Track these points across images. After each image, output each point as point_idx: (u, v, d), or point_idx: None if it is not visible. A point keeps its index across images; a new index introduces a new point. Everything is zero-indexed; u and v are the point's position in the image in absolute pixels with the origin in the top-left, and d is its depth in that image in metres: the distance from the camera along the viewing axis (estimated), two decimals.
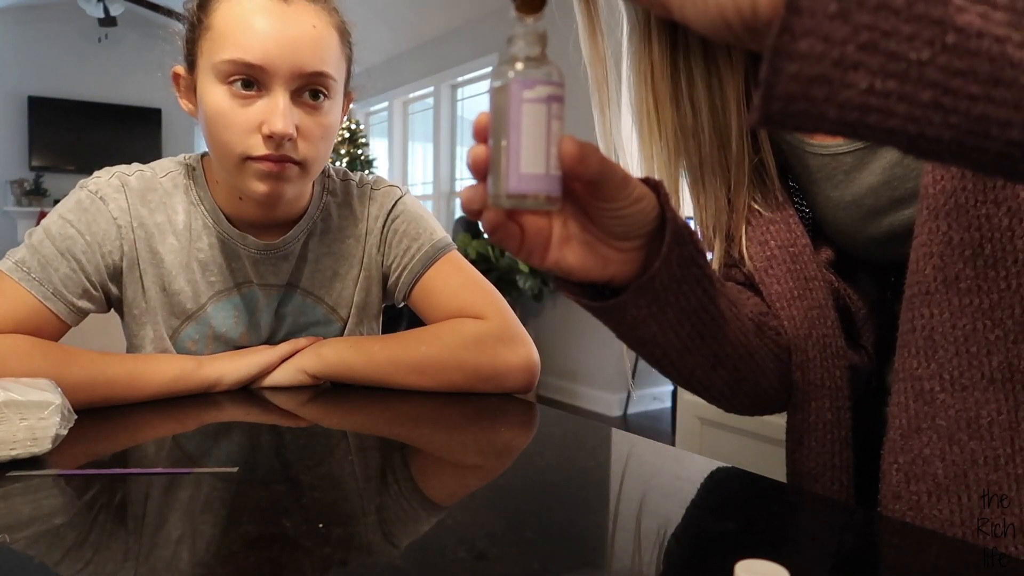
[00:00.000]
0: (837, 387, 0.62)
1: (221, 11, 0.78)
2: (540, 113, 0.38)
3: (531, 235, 0.47)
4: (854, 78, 0.30)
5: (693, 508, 0.55)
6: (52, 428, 0.59)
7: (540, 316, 4.37)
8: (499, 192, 0.40)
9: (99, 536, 0.47)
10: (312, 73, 0.79)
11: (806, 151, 0.63)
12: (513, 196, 0.39)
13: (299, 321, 0.95)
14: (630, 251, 0.50)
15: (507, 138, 0.38)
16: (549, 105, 0.39)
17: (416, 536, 0.48)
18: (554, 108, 0.39)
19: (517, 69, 0.39)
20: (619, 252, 0.50)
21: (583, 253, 0.49)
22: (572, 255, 0.49)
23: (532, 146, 0.38)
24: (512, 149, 0.38)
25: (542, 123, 0.38)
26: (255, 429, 0.74)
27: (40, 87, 6.64)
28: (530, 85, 0.38)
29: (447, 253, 0.95)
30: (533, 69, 0.39)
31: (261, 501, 0.52)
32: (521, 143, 0.38)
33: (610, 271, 0.50)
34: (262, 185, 0.80)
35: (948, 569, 0.45)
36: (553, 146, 0.39)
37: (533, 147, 0.38)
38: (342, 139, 5.45)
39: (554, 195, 0.40)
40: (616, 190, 0.45)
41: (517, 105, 0.38)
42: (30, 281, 0.79)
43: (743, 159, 0.63)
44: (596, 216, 0.47)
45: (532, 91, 0.38)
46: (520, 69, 0.39)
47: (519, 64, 0.39)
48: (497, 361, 0.86)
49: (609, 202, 0.46)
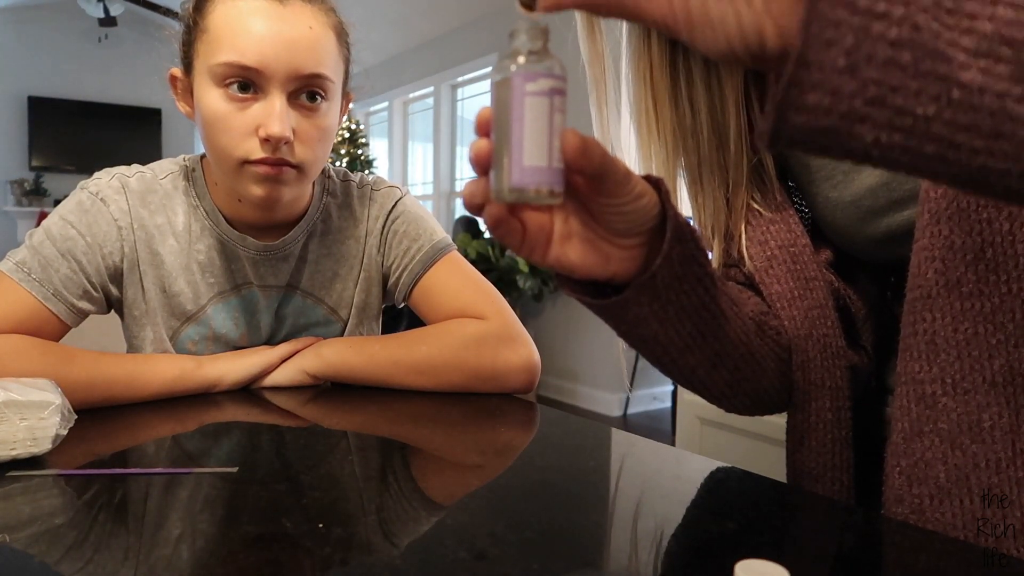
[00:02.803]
0: (838, 387, 0.62)
1: (217, 13, 0.78)
2: (542, 106, 0.38)
3: (533, 232, 0.47)
4: (860, 131, 0.30)
5: (693, 508, 0.55)
6: (52, 428, 0.59)
7: (540, 316, 4.37)
8: (501, 186, 0.40)
9: (99, 536, 0.47)
10: (309, 75, 0.78)
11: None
12: (515, 190, 0.39)
13: (299, 322, 0.95)
14: (631, 248, 0.50)
15: (509, 131, 0.38)
16: (551, 98, 0.38)
17: (416, 536, 0.48)
18: (556, 101, 0.39)
19: (519, 63, 0.39)
20: (620, 249, 0.50)
21: (585, 250, 0.49)
22: (574, 252, 0.49)
23: (534, 139, 0.38)
24: (514, 142, 0.38)
25: (544, 116, 0.38)
26: (255, 429, 0.74)
27: (40, 87, 6.63)
28: (532, 78, 0.38)
29: (447, 253, 0.95)
30: (535, 63, 0.39)
31: (261, 501, 0.52)
32: (524, 136, 0.38)
33: (611, 269, 0.50)
34: (259, 189, 0.80)
35: (948, 569, 0.45)
36: (556, 139, 0.39)
37: (535, 140, 0.38)
38: (342, 139, 5.45)
39: (557, 189, 0.40)
40: (618, 185, 0.45)
41: (519, 98, 0.38)
42: (30, 282, 0.79)
43: (741, 159, 0.63)
44: (598, 212, 0.47)
45: (535, 84, 0.38)
46: (522, 63, 0.39)
47: (521, 58, 0.39)
48: (497, 361, 0.86)
49: (611, 198, 0.46)
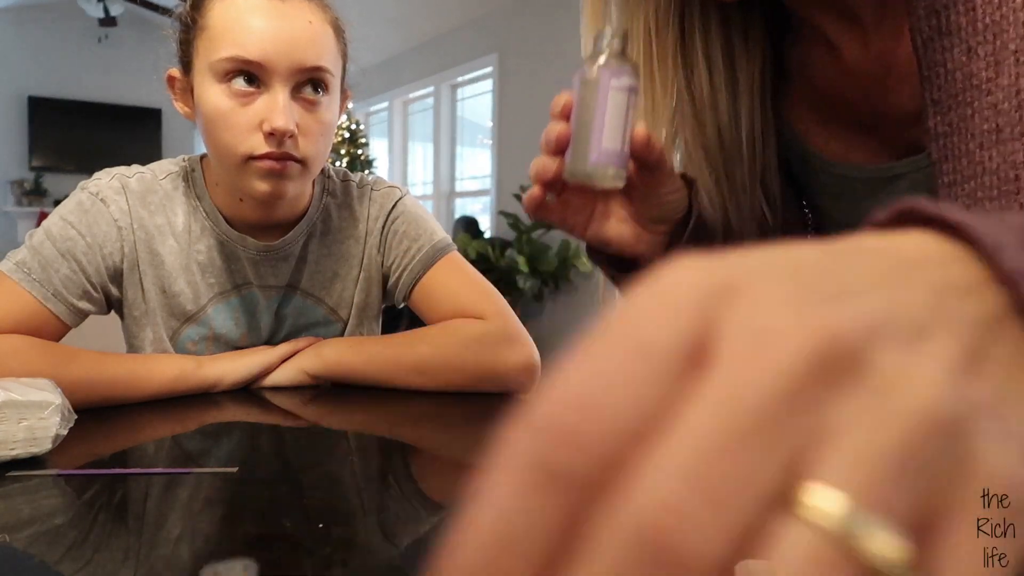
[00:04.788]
0: None
1: (216, 10, 0.78)
2: (622, 99, 0.45)
3: (577, 207, 0.53)
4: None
5: None
6: (52, 428, 0.59)
7: (540, 316, 4.37)
8: (577, 166, 0.46)
9: (99, 536, 0.47)
10: (311, 68, 0.79)
11: (819, 166, 0.60)
12: (594, 166, 0.46)
13: (299, 322, 0.95)
14: (659, 234, 0.56)
15: (592, 119, 0.45)
16: (629, 94, 0.45)
17: (416, 536, 0.48)
18: (632, 98, 0.46)
19: (606, 61, 0.46)
20: (650, 234, 0.55)
21: (621, 229, 0.55)
22: (612, 230, 0.55)
23: (613, 126, 0.45)
24: (596, 127, 0.45)
25: (622, 108, 0.45)
26: (255, 429, 0.74)
27: (40, 87, 6.64)
28: (618, 75, 0.45)
29: (447, 253, 0.95)
30: (619, 63, 0.46)
31: (261, 501, 0.52)
32: (605, 123, 0.45)
33: (640, 248, 0.55)
34: (264, 184, 0.80)
35: None
36: (629, 129, 0.46)
37: (614, 127, 0.45)
38: (342, 139, 5.45)
39: (624, 172, 0.47)
40: (667, 176, 0.51)
41: (605, 91, 0.45)
42: (30, 282, 0.79)
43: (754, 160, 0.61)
44: (642, 199, 0.53)
45: (619, 80, 0.45)
46: (609, 61, 0.46)
47: (606, 57, 0.46)
48: (498, 361, 0.86)
49: (658, 187, 0.52)
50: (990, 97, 0.44)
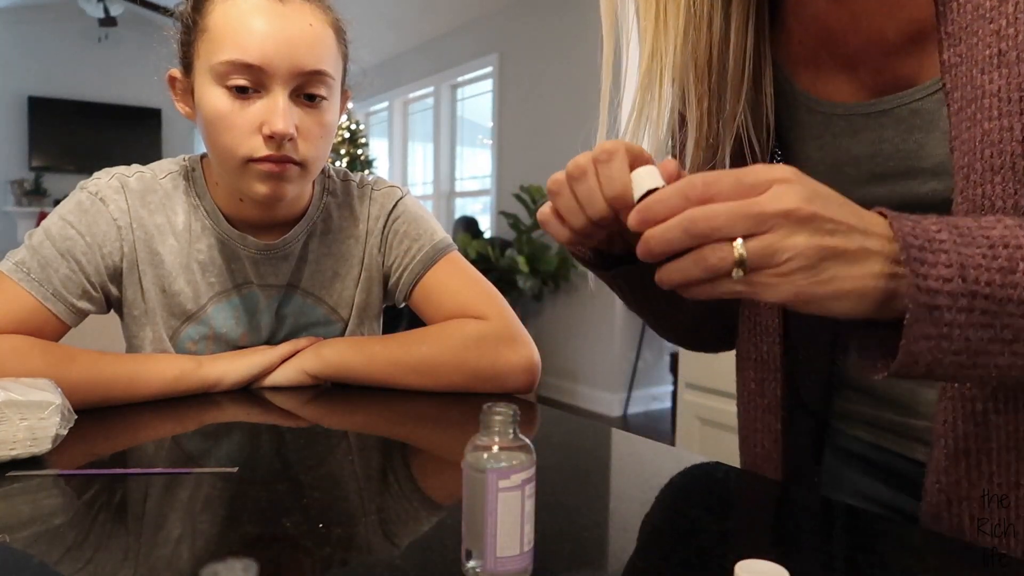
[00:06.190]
0: (763, 360, 0.65)
1: (217, 12, 0.78)
2: (515, 500, 0.40)
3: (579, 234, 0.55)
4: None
5: (693, 508, 0.55)
6: (52, 428, 0.59)
7: (540, 316, 4.37)
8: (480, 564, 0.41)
9: (99, 536, 0.47)
10: (310, 72, 0.79)
11: (804, 104, 0.61)
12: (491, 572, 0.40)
13: (299, 322, 0.95)
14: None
15: (484, 522, 0.40)
16: (523, 489, 0.40)
17: (416, 536, 0.48)
18: (527, 489, 0.40)
19: (492, 457, 0.40)
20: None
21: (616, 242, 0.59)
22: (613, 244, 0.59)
23: (508, 532, 0.40)
24: (488, 534, 0.40)
25: (516, 508, 0.40)
26: (255, 429, 0.74)
27: (40, 87, 6.64)
28: (505, 475, 0.40)
29: (447, 253, 0.95)
30: (508, 457, 0.40)
31: (261, 501, 0.52)
32: (498, 530, 0.40)
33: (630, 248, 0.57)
34: (263, 186, 0.80)
35: (948, 569, 0.45)
36: (528, 524, 0.40)
37: (509, 532, 0.40)
38: (342, 139, 5.45)
39: (528, 568, 0.41)
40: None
41: (493, 494, 0.39)
42: (30, 282, 0.79)
43: (740, 86, 0.61)
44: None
45: (507, 480, 0.40)
46: (495, 458, 0.40)
47: (495, 449, 0.40)
48: (498, 361, 0.86)
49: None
50: (992, 24, 0.47)
